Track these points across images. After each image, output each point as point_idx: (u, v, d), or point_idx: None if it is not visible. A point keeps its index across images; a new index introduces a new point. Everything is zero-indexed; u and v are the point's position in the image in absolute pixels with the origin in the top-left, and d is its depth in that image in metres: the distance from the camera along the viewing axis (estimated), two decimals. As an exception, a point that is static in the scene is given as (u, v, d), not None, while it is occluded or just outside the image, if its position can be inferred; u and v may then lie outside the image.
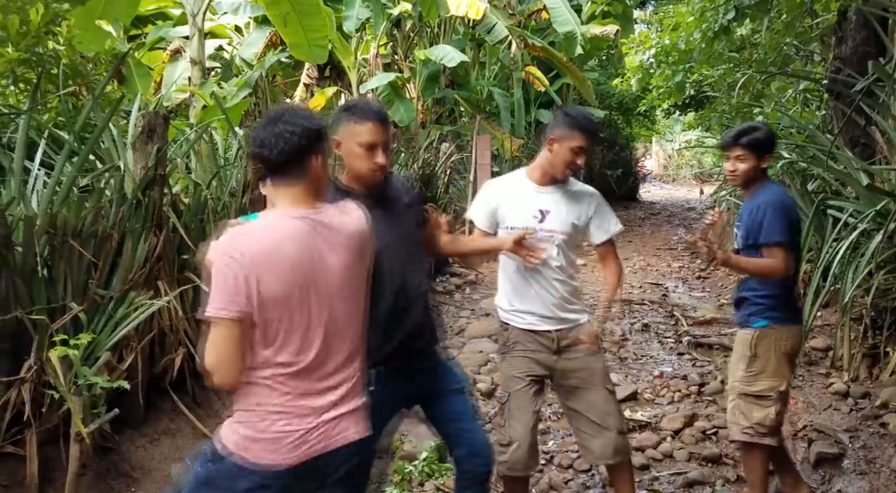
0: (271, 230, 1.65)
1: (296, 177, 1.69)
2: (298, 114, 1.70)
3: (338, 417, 1.68)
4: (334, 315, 1.69)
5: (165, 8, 9.88)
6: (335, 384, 1.70)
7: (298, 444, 1.63)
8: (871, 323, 4.23)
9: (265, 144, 1.66)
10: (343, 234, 1.72)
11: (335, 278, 1.68)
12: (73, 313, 2.83)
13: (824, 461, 3.38)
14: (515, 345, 2.67)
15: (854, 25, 5.17)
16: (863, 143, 5.12)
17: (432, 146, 9.16)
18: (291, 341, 1.64)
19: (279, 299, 1.61)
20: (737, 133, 2.81)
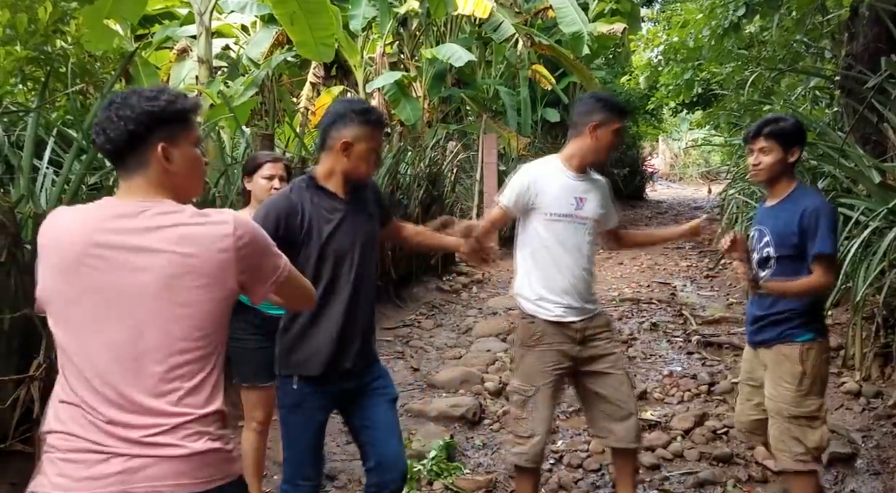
0: (71, 217, 1.41)
1: (133, 168, 1.42)
2: (137, 95, 1.43)
3: (147, 458, 1.31)
4: (131, 329, 1.35)
5: (172, 7, 9.90)
6: (142, 408, 1.33)
7: (86, 478, 1.30)
8: (883, 322, 4.19)
9: (97, 131, 1.43)
10: (181, 235, 1.37)
11: (142, 287, 1.35)
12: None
13: (837, 461, 3.35)
14: (542, 338, 2.67)
15: (866, 22, 5.13)
16: (874, 140, 5.08)
17: (439, 145, 9.15)
18: (71, 347, 1.37)
19: (53, 293, 1.39)
20: (761, 123, 2.58)
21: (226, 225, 1.41)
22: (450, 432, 3.81)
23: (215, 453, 1.38)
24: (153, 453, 1.32)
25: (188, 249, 1.37)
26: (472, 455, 3.68)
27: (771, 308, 2.57)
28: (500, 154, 9.83)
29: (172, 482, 1.32)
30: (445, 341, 5.64)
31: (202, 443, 1.36)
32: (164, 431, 1.33)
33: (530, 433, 2.66)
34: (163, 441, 1.33)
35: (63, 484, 1.31)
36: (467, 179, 9.87)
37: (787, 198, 2.55)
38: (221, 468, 1.39)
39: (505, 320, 6.04)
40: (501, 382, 4.55)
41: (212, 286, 1.39)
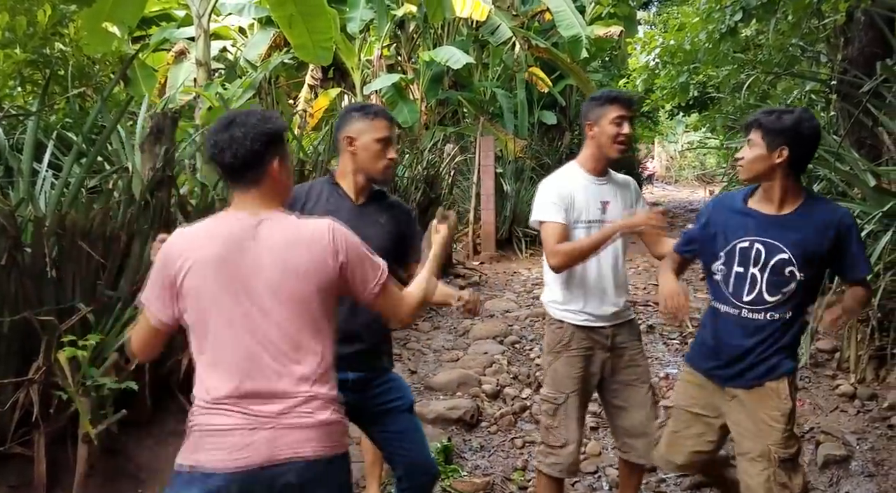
0: (205, 230, 1.63)
1: (251, 182, 1.64)
2: (255, 116, 1.65)
3: (285, 427, 1.55)
4: (267, 322, 1.59)
5: (170, 9, 9.90)
6: (276, 394, 1.57)
7: (238, 447, 1.52)
8: (878, 325, 4.22)
9: (220, 148, 1.61)
10: (287, 242, 1.61)
11: (270, 284, 1.59)
12: (82, 314, 2.84)
13: (832, 464, 3.38)
14: (570, 343, 2.61)
15: (861, 26, 5.16)
16: (869, 144, 5.12)
17: (436, 147, 9.18)
18: (215, 339, 1.59)
19: (200, 296, 1.59)
20: (759, 113, 2.25)
21: (324, 228, 1.64)
22: (447, 434, 3.82)
23: (337, 424, 1.62)
24: (292, 422, 1.56)
25: (297, 251, 1.59)
26: (469, 458, 3.69)
27: (759, 339, 2.21)
28: (496, 157, 9.85)
29: (310, 445, 1.55)
30: (443, 343, 5.65)
31: (328, 414, 1.60)
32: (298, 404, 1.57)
33: (563, 441, 2.58)
34: (298, 411, 1.57)
35: (213, 454, 1.52)
36: (464, 181, 9.89)
37: (798, 210, 2.18)
38: (342, 439, 1.64)
39: (502, 322, 6.05)
40: (499, 384, 4.56)
41: (317, 282, 1.61)
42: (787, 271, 2.15)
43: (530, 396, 4.45)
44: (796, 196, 2.20)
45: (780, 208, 2.20)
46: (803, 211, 2.18)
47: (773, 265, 2.15)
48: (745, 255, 2.20)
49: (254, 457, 1.52)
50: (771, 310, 2.19)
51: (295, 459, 1.54)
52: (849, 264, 2.18)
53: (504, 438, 3.94)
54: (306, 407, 1.58)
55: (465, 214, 9.49)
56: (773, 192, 2.20)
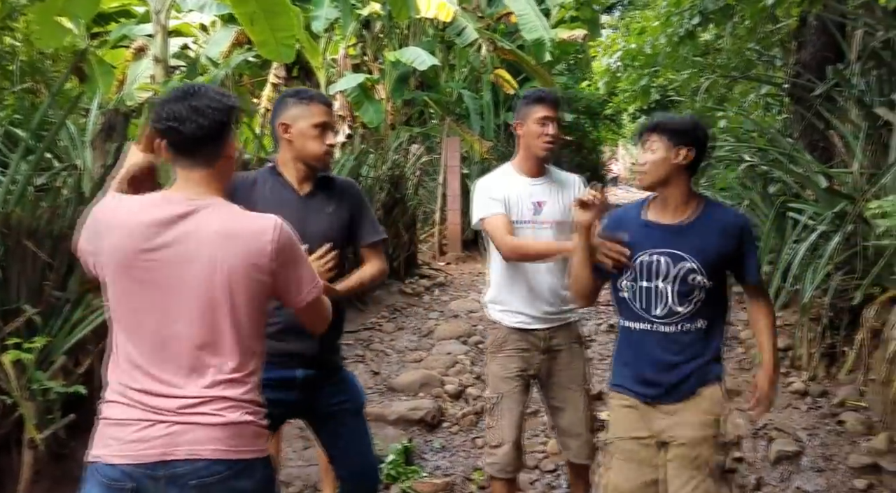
0: (137, 207, 1.52)
1: (204, 160, 1.52)
2: (213, 89, 1.54)
3: (185, 424, 1.47)
4: (182, 316, 1.49)
5: (129, 5, 9.69)
6: (180, 389, 1.48)
7: (134, 441, 1.45)
8: (829, 323, 4.33)
9: (181, 118, 1.47)
10: (223, 235, 1.50)
11: (194, 277, 1.48)
12: (28, 315, 2.75)
13: (783, 459, 3.45)
14: (505, 344, 2.63)
15: (814, 31, 5.30)
16: (822, 146, 5.26)
17: (401, 148, 9.15)
18: (129, 322, 1.51)
19: (114, 280, 1.50)
20: (653, 118, 2.21)
21: (268, 226, 1.52)
22: (409, 435, 3.81)
23: (248, 425, 1.52)
24: (194, 420, 1.47)
25: (232, 245, 1.48)
26: (430, 458, 3.68)
27: (679, 352, 2.12)
28: (463, 157, 9.87)
29: (210, 446, 1.46)
30: (406, 344, 5.63)
31: (237, 415, 1.50)
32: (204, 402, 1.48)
33: (499, 441, 2.60)
34: (201, 410, 1.48)
35: (111, 447, 1.46)
36: (431, 182, 9.89)
37: (698, 216, 2.11)
38: (254, 444, 1.54)
39: (466, 322, 6.06)
40: (461, 384, 4.56)
41: (246, 282, 1.50)
42: (693, 279, 2.07)
43: (492, 396, 4.46)
44: (695, 202, 2.14)
45: (679, 216, 2.12)
46: (703, 217, 2.11)
47: (680, 276, 2.08)
48: (650, 269, 2.11)
49: (148, 452, 1.44)
50: (684, 321, 2.10)
51: (192, 459, 1.45)
52: (748, 268, 2.13)
53: (465, 438, 3.94)
54: (212, 407, 1.48)
55: (431, 214, 9.49)
56: (672, 199, 2.12)
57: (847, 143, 4.74)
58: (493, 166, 10.94)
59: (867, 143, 4.43)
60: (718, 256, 2.08)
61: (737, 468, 3.43)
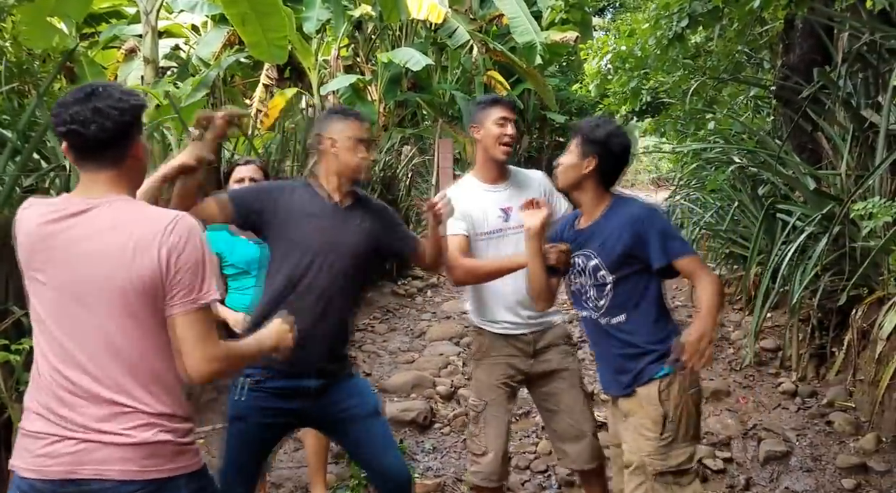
0: (44, 209, 1.48)
1: (111, 162, 1.47)
2: (117, 89, 1.48)
3: (93, 442, 1.41)
4: (85, 321, 1.43)
5: (120, 6, 9.66)
6: (88, 402, 1.42)
7: (42, 455, 1.41)
8: (818, 324, 4.36)
9: (82, 120, 1.42)
10: (111, 226, 1.43)
11: (86, 277, 1.42)
12: (15, 317, 2.73)
13: (773, 459, 3.47)
14: (490, 350, 2.58)
15: (801, 34, 5.33)
16: (810, 148, 5.28)
17: (394, 149, 9.15)
18: (41, 330, 1.47)
19: (29, 279, 1.49)
20: (584, 121, 2.35)
21: (166, 217, 1.45)
22: (400, 436, 3.81)
23: (164, 444, 1.44)
24: (102, 439, 1.40)
25: (120, 236, 1.42)
26: (421, 459, 3.69)
27: (613, 344, 2.21)
28: (455, 159, 9.87)
29: (119, 467, 1.40)
30: (399, 345, 5.63)
31: (151, 434, 1.43)
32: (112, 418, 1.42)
33: (483, 450, 2.54)
34: (109, 429, 1.41)
35: (23, 459, 1.44)
36: (423, 183, 9.89)
37: (602, 216, 2.23)
38: (172, 462, 1.46)
39: (459, 323, 6.06)
40: (453, 385, 4.57)
41: (133, 274, 1.42)
42: (599, 275, 2.20)
43: (483, 397, 4.46)
44: (605, 204, 2.24)
45: (590, 219, 2.26)
46: (606, 216, 2.22)
47: (592, 273, 2.22)
48: (576, 268, 2.27)
49: (55, 469, 1.40)
50: (606, 315, 2.21)
51: (98, 479, 1.39)
52: (651, 253, 2.12)
53: (457, 439, 3.94)
54: (122, 423, 1.41)
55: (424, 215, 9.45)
56: (584, 203, 2.26)
57: (834, 145, 4.77)
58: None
59: (854, 145, 4.47)
60: (616, 250, 2.16)
61: (726, 468, 3.45)
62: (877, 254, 3.78)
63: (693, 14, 4.40)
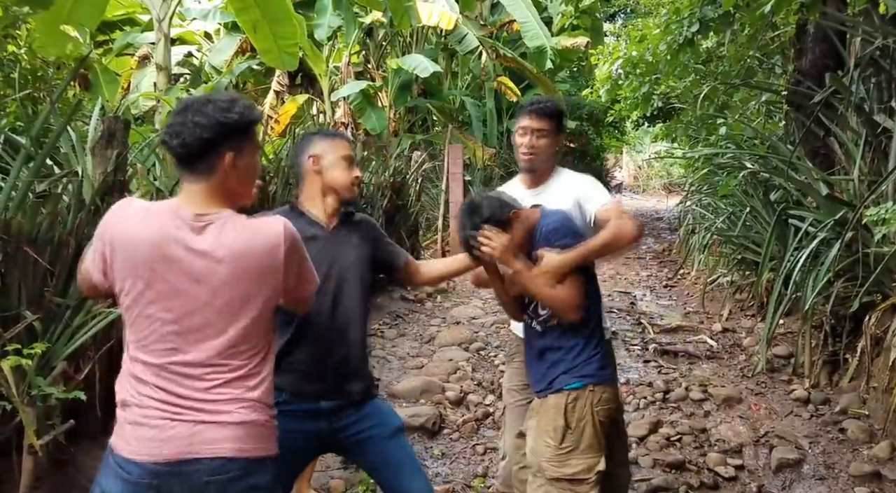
0: (142, 214, 1.55)
1: (201, 174, 1.54)
2: (214, 103, 1.53)
3: (201, 423, 1.53)
4: (194, 323, 1.55)
5: (134, 14, 9.78)
6: (198, 387, 1.55)
7: (151, 439, 1.51)
8: (831, 330, 4.31)
9: (171, 134, 1.52)
10: (226, 247, 1.53)
11: (209, 292, 1.53)
12: (28, 321, 2.75)
13: (785, 467, 3.43)
14: (516, 355, 2.56)
15: (813, 38, 5.30)
16: (822, 153, 5.24)
17: (404, 154, 9.18)
18: (141, 328, 1.56)
19: (127, 283, 1.54)
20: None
21: (277, 234, 1.57)
22: (409, 442, 3.80)
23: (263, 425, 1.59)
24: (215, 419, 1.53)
25: (241, 258, 1.53)
26: (430, 465, 3.67)
27: (549, 350, 2.22)
28: (465, 164, 9.89)
29: (229, 445, 1.52)
30: (408, 350, 5.62)
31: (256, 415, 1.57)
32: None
33: (502, 453, 2.55)
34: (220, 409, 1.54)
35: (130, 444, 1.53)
36: (433, 188, 9.90)
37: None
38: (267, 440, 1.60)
39: (468, 329, 6.05)
40: (462, 391, 4.56)
41: (264, 284, 1.56)
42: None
43: (493, 402, 4.45)
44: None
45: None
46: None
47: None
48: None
49: (167, 451, 1.50)
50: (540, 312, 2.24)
51: (210, 457, 1.51)
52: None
53: (466, 445, 3.93)
54: (229, 406, 1.55)
55: (434, 221, 9.50)
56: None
57: (847, 150, 4.73)
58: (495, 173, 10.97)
59: (867, 150, 4.43)
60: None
61: (738, 475, 3.42)
62: (890, 259, 3.74)
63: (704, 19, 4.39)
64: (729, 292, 6.39)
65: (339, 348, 2.11)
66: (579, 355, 2.16)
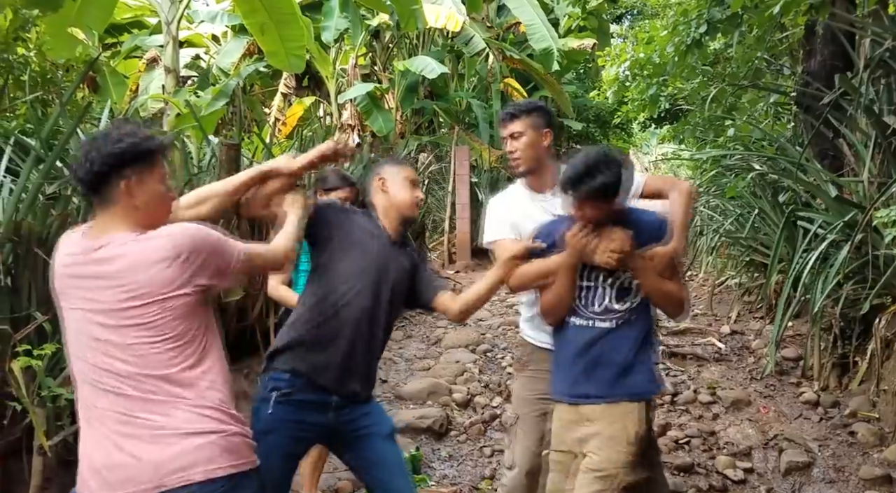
0: (65, 238, 1.69)
1: (104, 204, 1.64)
2: (110, 137, 1.62)
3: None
4: (96, 341, 1.60)
5: (142, 16, 9.83)
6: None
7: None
8: (841, 333, 4.29)
9: (72, 170, 1.66)
10: (129, 266, 1.58)
11: (110, 308, 1.59)
12: (38, 322, 2.77)
13: (794, 470, 3.42)
14: (529, 363, 2.49)
15: (822, 40, 5.27)
16: (831, 155, 5.22)
17: (410, 156, 9.18)
18: (70, 352, 1.66)
19: (60, 302, 1.67)
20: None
21: (164, 246, 1.59)
22: (416, 444, 3.80)
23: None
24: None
25: (136, 274, 1.57)
26: (437, 467, 3.67)
27: (624, 345, 2.13)
28: (472, 166, 9.89)
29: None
30: (415, 352, 5.62)
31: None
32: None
33: (510, 463, 2.46)
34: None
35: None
36: (440, 190, 9.91)
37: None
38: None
39: (475, 331, 6.05)
40: (469, 393, 4.56)
41: (165, 299, 1.58)
42: (625, 278, 2.22)
43: (501, 404, 4.45)
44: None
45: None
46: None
47: (611, 274, 2.20)
48: (587, 268, 2.21)
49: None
50: (612, 318, 2.16)
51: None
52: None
53: (473, 447, 3.92)
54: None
55: (441, 223, 9.51)
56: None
57: (856, 152, 4.70)
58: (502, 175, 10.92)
59: (876, 151, 4.40)
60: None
61: (747, 478, 3.40)
62: (901, 262, 3.71)
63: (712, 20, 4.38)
64: (737, 294, 6.36)
65: (365, 348, 2.19)
66: (650, 361, 2.14)
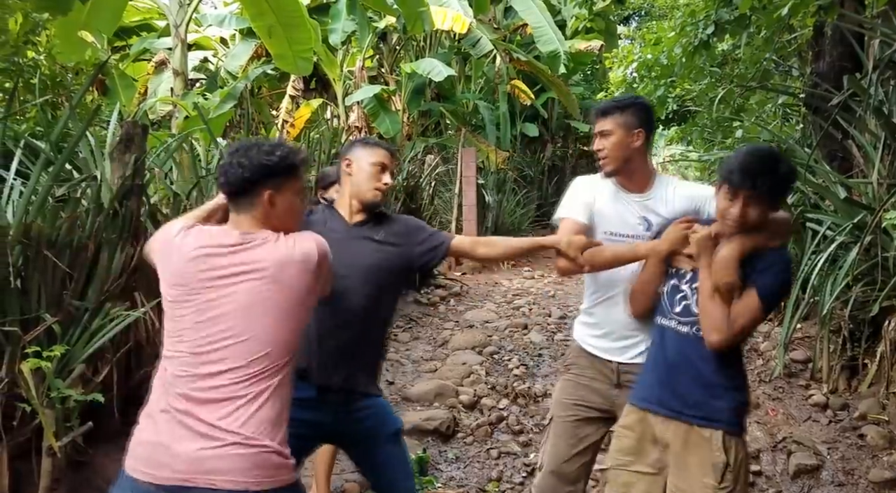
0: (203, 236, 1.75)
1: (244, 207, 1.76)
2: (260, 148, 1.75)
3: (210, 449, 1.58)
4: (225, 332, 1.66)
5: (151, 19, 9.88)
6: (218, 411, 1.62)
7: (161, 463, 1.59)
8: (850, 335, 4.26)
9: (220, 172, 1.78)
10: (264, 261, 1.69)
11: (233, 298, 1.66)
12: (47, 324, 2.79)
13: (803, 473, 3.40)
14: (573, 366, 2.41)
15: (830, 41, 5.25)
16: (840, 156, 5.19)
17: (417, 158, 9.20)
18: (178, 337, 1.69)
19: (169, 293, 1.72)
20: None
21: (309, 249, 1.73)
22: (423, 445, 3.80)
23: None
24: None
25: (280, 270, 1.68)
26: (444, 469, 3.67)
27: (712, 373, 1.98)
28: (479, 168, 9.88)
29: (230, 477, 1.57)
30: (422, 354, 5.63)
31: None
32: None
33: (539, 464, 2.42)
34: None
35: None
36: (446, 192, 9.91)
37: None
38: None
39: (482, 332, 6.05)
40: (476, 395, 4.55)
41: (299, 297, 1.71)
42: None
43: (507, 406, 4.44)
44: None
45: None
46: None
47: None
48: (679, 270, 2.13)
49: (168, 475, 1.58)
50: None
51: (210, 487, 1.55)
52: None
53: (480, 449, 3.92)
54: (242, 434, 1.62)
55: (447, 225, 9.50)
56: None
57: (865, 153, 4.67)
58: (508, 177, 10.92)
59: (886, 153, 4.37)
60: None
61: (755, 481, 3.39)
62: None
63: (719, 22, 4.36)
64: (745, 296, 6.32)
65: (336, 341, 2.15)
66: (742, 391, 2.01)
